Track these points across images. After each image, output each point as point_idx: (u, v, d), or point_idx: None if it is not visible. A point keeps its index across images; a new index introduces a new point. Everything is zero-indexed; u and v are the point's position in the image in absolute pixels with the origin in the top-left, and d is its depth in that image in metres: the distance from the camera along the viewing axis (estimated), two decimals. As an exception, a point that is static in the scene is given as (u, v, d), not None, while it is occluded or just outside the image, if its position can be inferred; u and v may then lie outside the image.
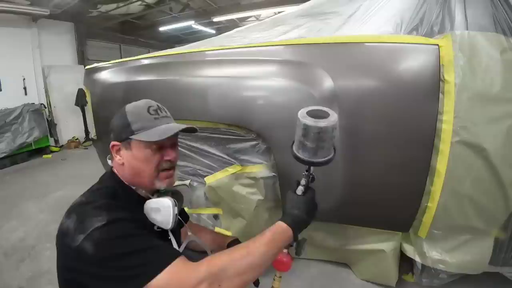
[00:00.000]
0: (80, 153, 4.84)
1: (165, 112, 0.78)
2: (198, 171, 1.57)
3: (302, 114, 0.71)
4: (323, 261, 1.64)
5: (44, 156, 4.55)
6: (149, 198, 0.75)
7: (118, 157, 0.75)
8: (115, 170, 0.77)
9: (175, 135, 0.74)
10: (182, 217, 0.97)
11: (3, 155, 3.94)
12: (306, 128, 0.68)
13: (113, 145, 0.76)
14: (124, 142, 0.73)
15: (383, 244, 1.37)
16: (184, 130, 0.77)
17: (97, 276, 0.57)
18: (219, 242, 0.98)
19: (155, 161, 0.73)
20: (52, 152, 4.78)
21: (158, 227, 0.73)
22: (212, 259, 0.60)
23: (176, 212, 0.72)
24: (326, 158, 0.73)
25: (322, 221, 1.43)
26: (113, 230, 0.59)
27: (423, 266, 1.30)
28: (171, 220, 0.71)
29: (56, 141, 5.11)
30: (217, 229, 1.57)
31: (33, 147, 4.41)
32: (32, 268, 1.76)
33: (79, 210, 0.64)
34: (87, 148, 5.00)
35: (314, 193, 0.77)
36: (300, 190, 0.75)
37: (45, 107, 4.81)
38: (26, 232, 2.18)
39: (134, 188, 0.76)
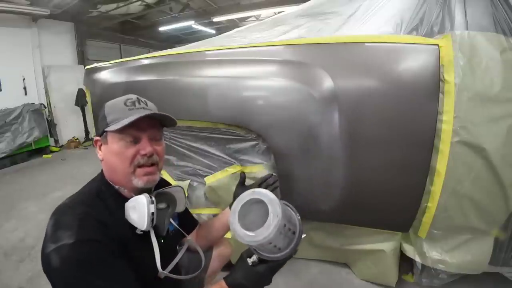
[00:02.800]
0: (80, 153, 4.83)
1: (145, 104, 0.73)
2: (198, 171, 1.57)
3: (236, 207, 0.59)
4: (323, 261, 1.64)
5: (44, 156, 4.54)
6: None
7: (100, 152, 0.73)
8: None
9: (152, 123, 0.70)
10: (188, 223, 0.96)
11: (3, 155, 3.93)
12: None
13: (96, 141, 0.74)
14: (102, 136, 0.72)
15: (383, 244, 1.37)
16: (164, 122, 0.74)
17: None
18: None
19: (130, 155, 0.68)
20: (52, 152, 4.77)
21: (141, 230, 0.68)
22: None
23: (152, 210, 0.67)
24: (267, 255, 0.59)
25: (322, 221, 1.43)
26: (82, 252, 0.57)
27: (423, 266, 1.30)
28: (145, 220, 0.66)
29: (56, 141, 5.10)
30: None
31: (33, 147, 4.40)
32: (32, 268, 1.75)
33: (57, 215, 0.64)
34: (87, 148, 5.00)
35: (269, 267, 0.62)
36: (252, 260, 0.62)
37: (45, 107, 4.81)
38: (26, 232, 2.18)
39: (117, 187, 0.73)
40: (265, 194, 0.58)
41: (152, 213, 0.67)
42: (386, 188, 1.19)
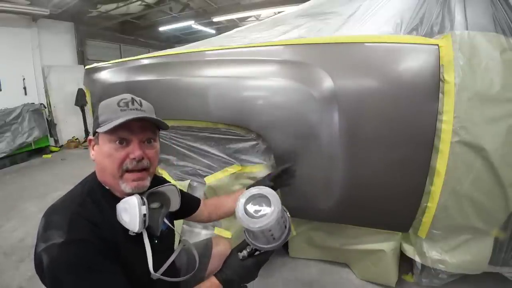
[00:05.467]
0: (79, 153, 4.83)
1: (139, 105, 0.71)
2: (198, 171, 1.58)
3: (242, 199, 0.66)
4: (323, 261, 1.64)
5: (44, 156, 4.54)
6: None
7: (92, 152, 0.73)
8: None
9: (141, 126, 0.68)
10: (190, 204, 0.99)
11: (3, 155, 3.93)
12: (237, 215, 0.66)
13: (89, 140, 0.74)
14: (95, 136, 0.71)
15: (383, 244, 1.37)
16: (159, 124, 0.72)
17: None
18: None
19: (119, 158, 0.67)
20: (52, 152, 4.77)
21: (134, 232, 0.67)
22: None
23: (144, 212, 0.66)
24: (261, 245, 0.67)
25: (322, 221, 1.43)
26: (71, 253, 0.57)
27: (423, 266, 1.30)
28: (137, 222, 0.64)
29: (56, 141, 5.10)
30: (217, 230, 1.57)
31: (33, 147, 4.39)
32: (32, 268, 1.72)
33: (48, 215, 0.64)
34: (87, 148, 4.91)
35: (257, 261, 0.69)
36: (242, 255, 0.70)
37: (45, 107, 4.80)
38: (26, 232, 2.18)
39: (108, 187, 0.72)
40: (268, 191, 0.67)
41: (144, 215, 0.66)
42: (386, 188, 1.20)
